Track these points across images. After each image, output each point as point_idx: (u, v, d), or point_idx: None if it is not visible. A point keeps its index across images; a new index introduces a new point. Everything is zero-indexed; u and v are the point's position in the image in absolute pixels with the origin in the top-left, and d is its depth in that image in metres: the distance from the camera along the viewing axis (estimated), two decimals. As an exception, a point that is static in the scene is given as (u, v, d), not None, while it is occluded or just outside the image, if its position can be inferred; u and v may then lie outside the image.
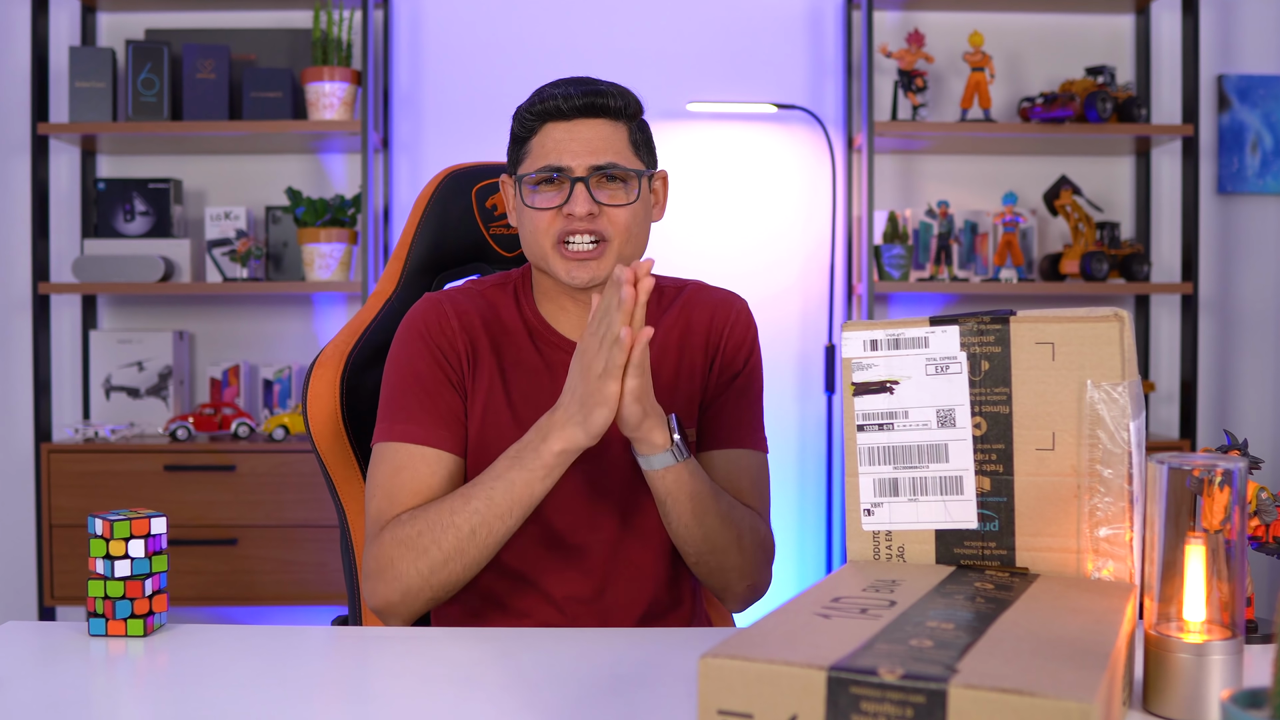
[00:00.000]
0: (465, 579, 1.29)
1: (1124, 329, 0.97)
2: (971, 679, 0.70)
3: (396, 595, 1.29)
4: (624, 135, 1.39)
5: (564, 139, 1.36)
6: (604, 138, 1.37)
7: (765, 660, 0.74)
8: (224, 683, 1.03)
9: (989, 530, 1.01)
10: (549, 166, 1.36)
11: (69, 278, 3.27)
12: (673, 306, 1.48)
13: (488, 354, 1.41)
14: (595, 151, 1.36)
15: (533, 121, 1.39)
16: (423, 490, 1.33)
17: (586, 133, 1.37)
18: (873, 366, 1.04)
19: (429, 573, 1.27)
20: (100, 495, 3.02)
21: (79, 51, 3.15)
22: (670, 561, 1.43)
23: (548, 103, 1.37)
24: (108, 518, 1.14)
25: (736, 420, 1.45)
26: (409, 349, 1.39)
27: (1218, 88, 3.42)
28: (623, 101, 1.39)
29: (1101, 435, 0.97)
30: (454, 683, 1.04)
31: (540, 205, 1.37)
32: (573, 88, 1.37)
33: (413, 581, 1.28)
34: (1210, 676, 0.89)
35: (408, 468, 1.34)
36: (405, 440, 1.35)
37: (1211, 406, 3.44)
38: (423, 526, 1.27)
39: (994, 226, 3.33)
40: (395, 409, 1.37)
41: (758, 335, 1.51)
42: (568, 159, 1.36)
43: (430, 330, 1.39)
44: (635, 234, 1.39)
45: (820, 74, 3.41)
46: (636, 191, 1.39)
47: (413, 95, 3.39)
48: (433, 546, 1.26)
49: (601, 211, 1.36)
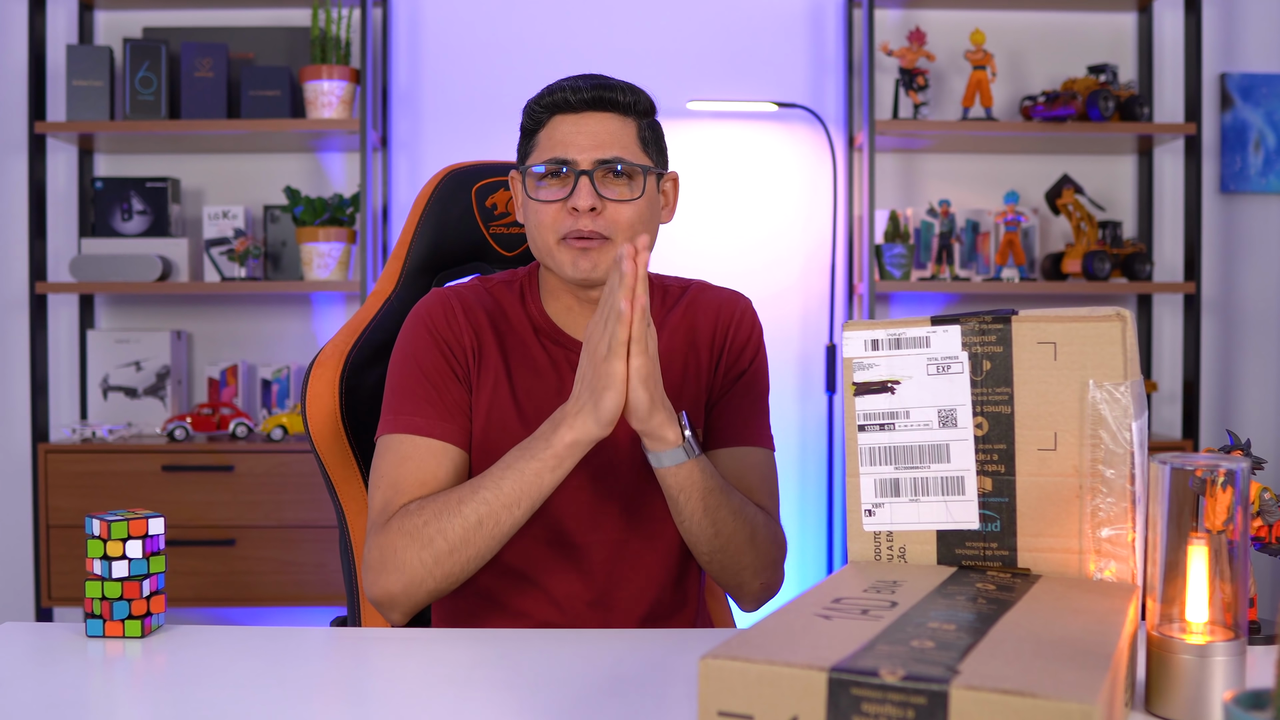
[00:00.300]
0: (470, 571, 1.28)
1: (1126, 329, 0.97)
2: (973, 680, 0.70)
3: (399, 586, 1.27)
4: (632, 131, 1.39)
5: (570, 131, 1.36)
6: (610, 132, 1.37)
7: (766, 661, 0.74)
8: (222, 684, 1.03)
9: (991, 531, 1.01)
10: (554, 159, 1.36)
11: (66, 277, 3.27)
12: (677, 306, 1.48)
13: (494, 351, 1.41)
14: (601, 145, 1.36)
15: (541, 114, 1.39)
16: (428, 481, 1.32)
17: (593, 126, 1.36)
18: (874, 366, 1.04)
19: (433, 563, 1.25)
20: (98, 496, 3.02)
21: (76, 50, 3.15)
22: (675, 564, 1.43)
23: (556, 95, 1.37)
24: (105, 518, 1.14)
25: (743, 418, 1.46)
26: (415, 342, 1.39)
27: (1220, 86, 3.42)
28: (632, 97, 1.39)
29: (1104, 435, 0.97)
30: (453, 684, 1.04)
31: (544, 198, 1.37)
32: (582, 81, 1.38)
33: (416, 572, 1.26)
34: (1213, 678, 0.89)
35: (413, 459, 1.33)
36: (411, 432, 1.34)
37: (1214, 406, 3.44)
38: (429, 516, 1.26)
39: (996, 226, 3.33)
40: (400, 401, 1.37)
41: (763, 334, 1.51)
42: (573, 151, 1.36)
43: (437, 324, 1.40)
44: (639, 232, 1.37)
45: (821, 72, 3.41)
46: (642, 188, 1.38)
47: (412, 93, 3.39)
48: (438, 537, 1.25)
49: (605, 207, 1.35)
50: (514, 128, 3.64)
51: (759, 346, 1.49)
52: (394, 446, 1.35)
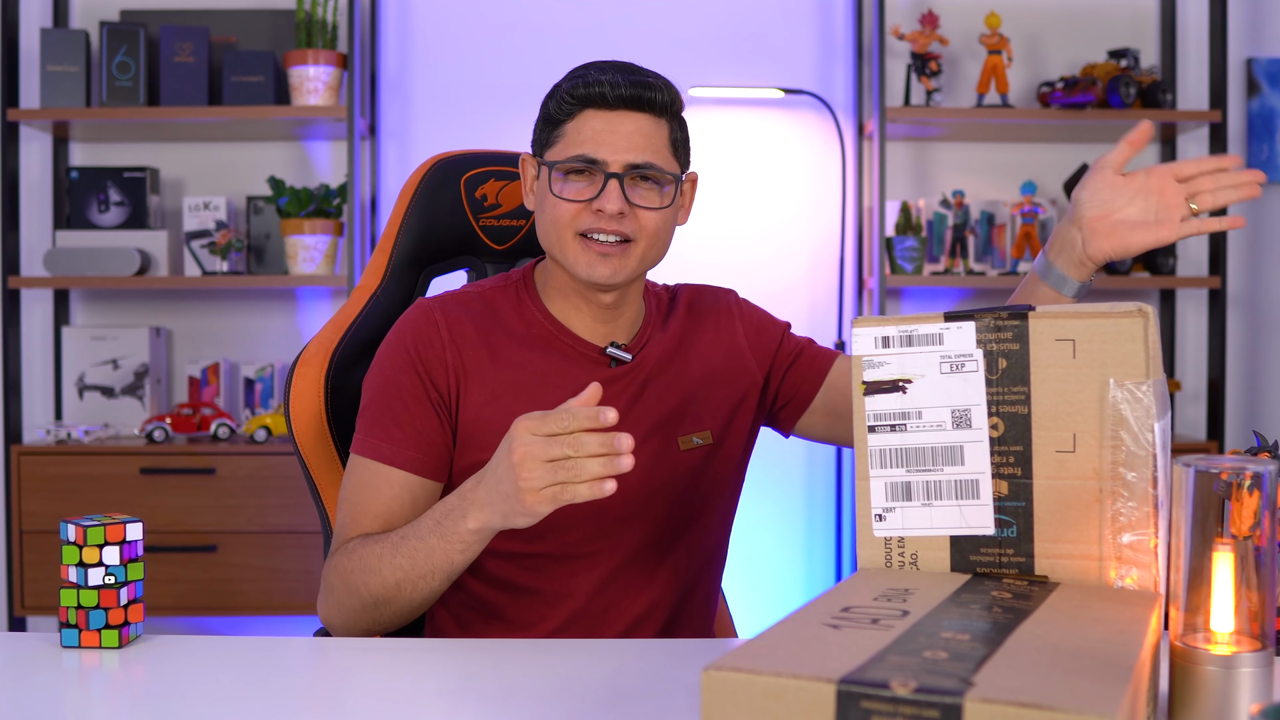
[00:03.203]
0: (400, 621, 1.33)
1: (1148, 325, 0.97)
2: (988, 692, 0.70)
3: (336, 620, 1.35)
4: (665, 134, 1.38)
5: (603, 129, 1.35)
6: (645, 134, 1.36)
7: (772, 673, 0.74)
8: (203, 697, 1.03)
9: (1006, 536, 1.01)
10: (583, 157, 1.35)
11: (40, 271, 3.27)
12: (675, 310, 1.51)
13: (486, 364, 1.40)
14: (635, 148, 1.35)
15: (572, 105, 1.36)
16: (383, 513, 1.35)
17: (627, 126, 1.35)
18: (884, 365, 1.04)
19: (361, 609, 1.31)
20: (73, 500, 3.02)
21: (51, 33, 3.15)
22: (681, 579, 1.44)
23: (592, 88, 1.35)
24: (81, 523, 1.14)
25: (812, 356, 1.53)
26: (393, 361, 1.39)
27: (1247, 71, 3.41)
28: (668, 97, 1.38)
29: (1125, 437, 0.97)
30: (444, 695, 1.04)
31: (569, 196, 1.36)
32: (620, 76, 1.35)
33: (349, 614, 1.32)
34: (1239, 690, 0.89)
35: (372, 487, 1.36)
36: (375, 458, 1.36)
37: (1240, 406, 3.44)
38: (357, 565, 1.30)
39: (1012, 217, 3.33)
40: (371, 421, 1.38)
41: (762, 309, 1.57)
42: (605, 152, 1.34)
43: (418, 344, 1.38)
44: (662, 238, 1.39)
45: (829, 57, 3.41)
46: (672, 196, 1.39)
47: (401, 79, 3.39)
48: (363, 588, 1.29)
49: (632, 212, 1.35)
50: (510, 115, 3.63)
51: (770, 320, 1.55)
52: (358, 469, 1.38)
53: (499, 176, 1.64)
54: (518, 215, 1.65)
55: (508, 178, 1.64)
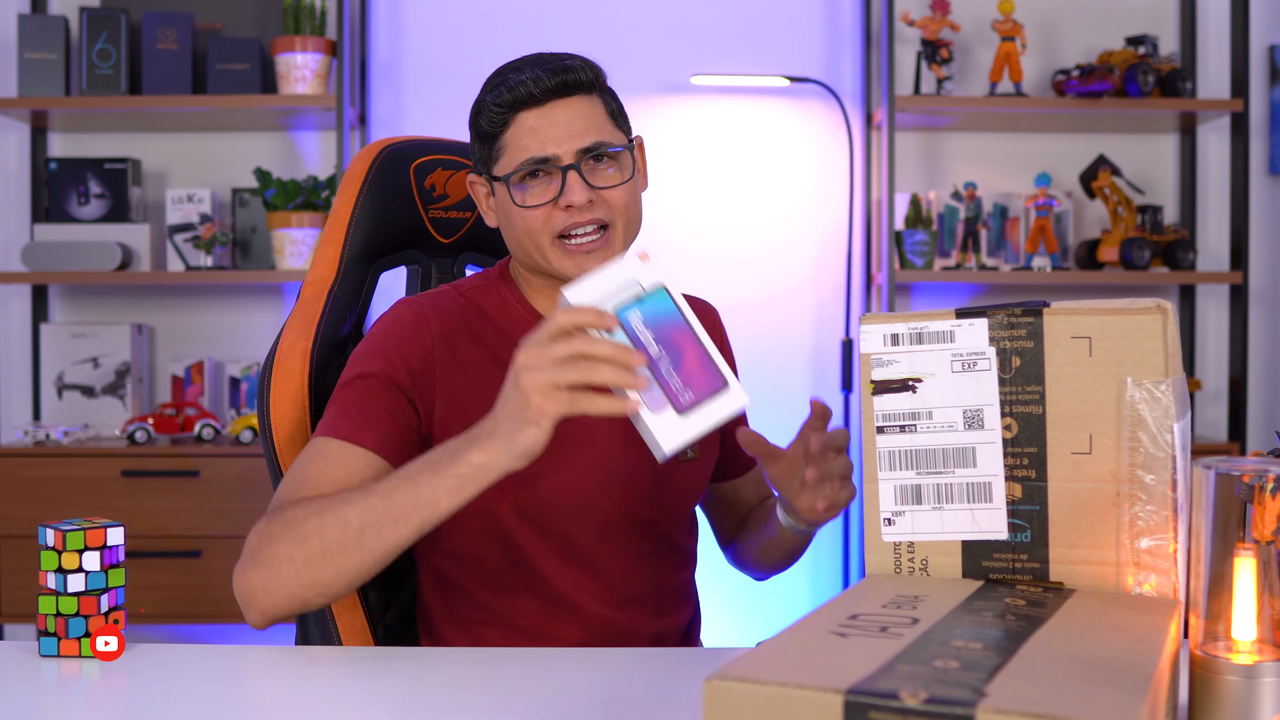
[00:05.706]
0: (340, 587, 1.22)
1: (1167, 322, 0.97)
2: (1001, 703, 0.70)
3: (260, 580, 1.22)
4: (600, 109, 1.39)
5: (542, 126, 1.36)
6: (583, 116, 1.37)
7: (777, 683, 0.74)
8: (186, 707, 1.03)
9: (1020, 541, 1.01)
10: (532, 159, 1.35)
11: (18, 266, 3.27)
12: None
13: (478, 359, 1.40)
14: (578, 133, 1.36)
15: (503, 113, 1.37)
16: (335, 483, 1.28)
17: (564, 114, 1.36)
18: (893, 363, 1.04)
19: (303, 562, 1.20)
20: (52, 503, 3.02)
21: (29, 19, 3.15)
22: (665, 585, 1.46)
23: (517, 90, 1.35)
24: (60, 528, 1.14)
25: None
26: (369, 355, 1.38)
27: (1269, 59, 3.41)
28: (592, 74, 1.39)
29: (1143, 438, 0.97)
30: (436, 706, 1.04)
31: (532, 202, 1.36)
32: (539, 69, 1.36)
33: (283, 568, 1.20)
34: (1261, 700, 0.89)
35: (324, 458, 1.31)
36: (331, 435, 1.32)
37: (1262, 406, 3.44)
38: (311, 510, 1.21)
39: (1026, 210, 3.33)
40: (332, 408, 1.36)
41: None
42: (551, 147, 1.35)
43: (403, 336, 1.38)
44: (634, 211, 1.41)
45: (836, 44, 3.41)
46: (631, 168, 1.40)
47: (392, 67, 3.39)
48: (314, 535, 1.19)
49: (599, 196, 1.36)
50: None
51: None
52: (312, 447, 1.33)
53: (446, 165, 1.62)
54: (464, 207, 1.63)
55: (454, 167, 1.62)
